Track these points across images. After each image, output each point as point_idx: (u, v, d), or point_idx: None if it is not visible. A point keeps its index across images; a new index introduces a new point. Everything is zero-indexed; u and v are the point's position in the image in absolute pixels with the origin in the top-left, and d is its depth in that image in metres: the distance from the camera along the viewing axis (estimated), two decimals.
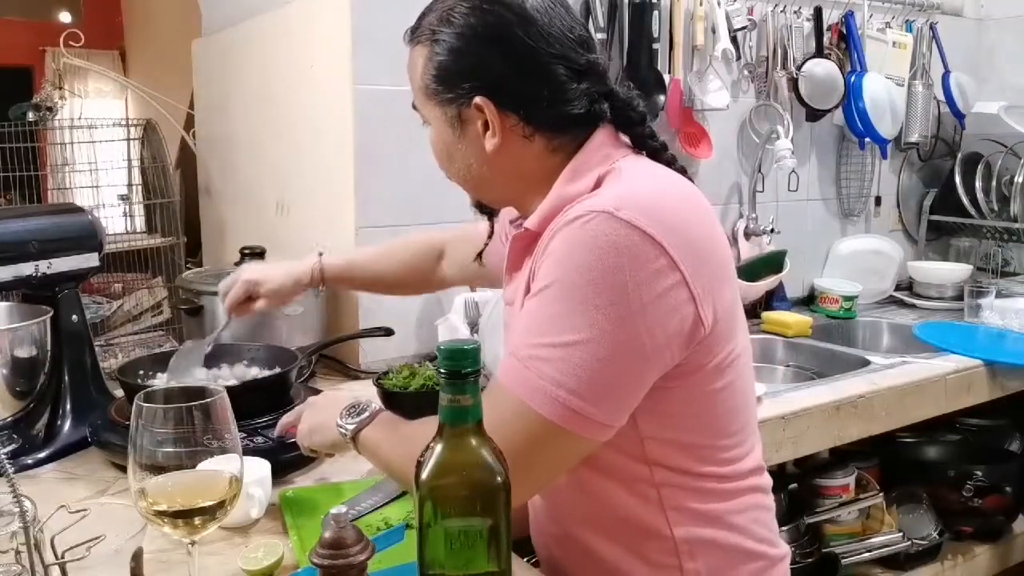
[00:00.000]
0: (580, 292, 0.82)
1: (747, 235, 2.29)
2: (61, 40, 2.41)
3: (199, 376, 1.35)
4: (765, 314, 2.23)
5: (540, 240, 0.91)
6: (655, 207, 0.85)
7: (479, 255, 1.22)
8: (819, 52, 2.33)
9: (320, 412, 1.07)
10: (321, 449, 1.09)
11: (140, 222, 2.23)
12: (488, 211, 1.12)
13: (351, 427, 0.99)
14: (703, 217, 0.90)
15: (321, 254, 1.40)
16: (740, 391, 0.95)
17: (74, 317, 1.34)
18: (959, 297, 2.34)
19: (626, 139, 0.98)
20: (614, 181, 0.90)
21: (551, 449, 0.84)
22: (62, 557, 0.80)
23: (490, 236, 1.18)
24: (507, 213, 1.20)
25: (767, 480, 1.01)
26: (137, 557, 0.83)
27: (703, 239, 0.87)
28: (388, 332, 1.62)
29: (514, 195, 1.02)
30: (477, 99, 0.93)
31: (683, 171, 0.98)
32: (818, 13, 2.34)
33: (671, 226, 0.84)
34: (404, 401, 1.41)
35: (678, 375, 0.88)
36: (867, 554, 1.85)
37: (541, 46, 0.92)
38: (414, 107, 1.02)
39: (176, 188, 2.32)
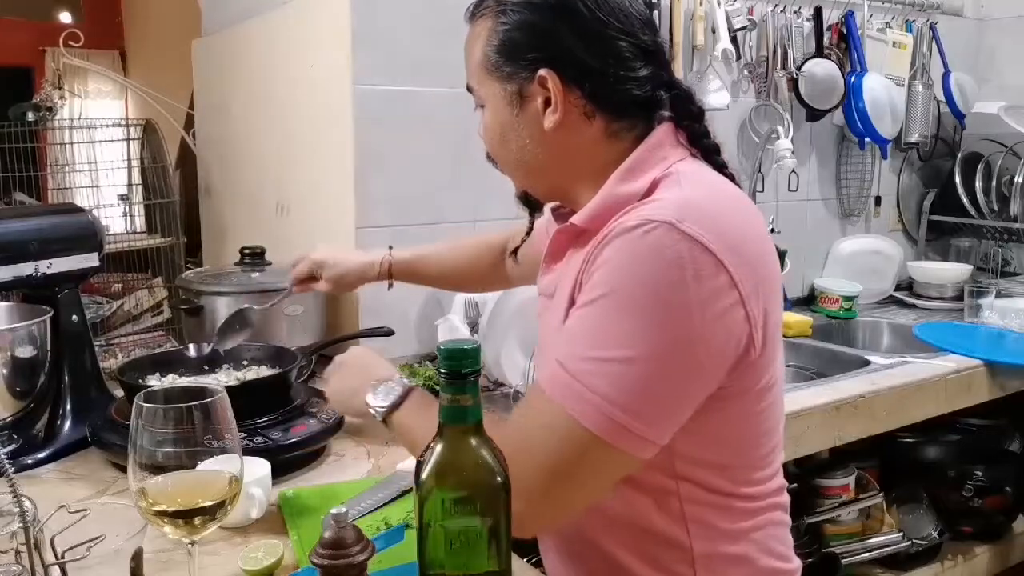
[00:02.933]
0: (639, 306, 0.79)
1: None
2: (61, 40, 2.41)
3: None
4: None
5: (590, 241, 0.88)
6: (716, 221, 0.82)
7: (514, 251, 1.21)
8: (819, 52, 2.33)
9: (349, 377, 1.05)
10: (354, 417, 1.14)
11: (140, 222, 2.23)
12: (533, 206, 1.09)
13: (382, 410, 0.97)
14: (760, 233, 0.88)
15: (391, 248, 1.43)
16: (776, 412, 0.93)
17: (74, 317, 1.34)
18: (959, 297, 2.34)
19: (683, 139, 0.95)
20: (671, 187, 0.87)
21: (599, 465, 0.81)
22: (62, 557, 0.80)
23: (528, 233, 1.16)
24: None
25: (787, 498, 1.00)
26: (137, 557, 0.83)
27: (759, 257, 0.85)
28: (388, 332, 1.62)
29: (565, 182, 0.98)
30: (542, 71, 0.91)
31: (732, 178, 0.95)
32: (818, 13, 2.34)
33: (731, 243, 0.81)
34: None
35: (724, 396, 0.85)
36: (867, 554, 1.85)
37: (609, 19, 0.90)
38: (468, 89, 1.00)
39: (176, 188, 2.31)
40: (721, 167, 0.95)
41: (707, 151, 0.96)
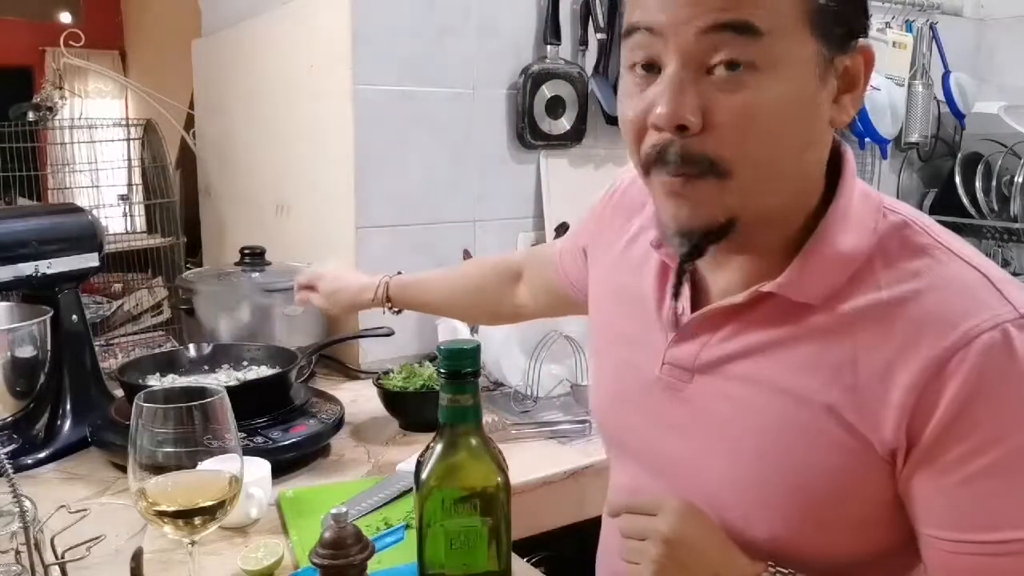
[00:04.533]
0: None
1: None
2: (61, 40, 2.41)
3: None
4: None
5: (798, 314, 0.68)
6: None
7: (660, 310, 0.80)
8: None
9: (680, 569, 0.70)
10: None
11: (140, 222, 2.23)
12: (701, 249, 0.70)
13: None
14: None
15: (400, 273, 1.31)
16: None
17: (74, 317, 1.34)
18: None
19: None
20: (937, 252, 0.67)
21: None
22: (62, 557, 0.80)
23: (679, 285, 0.79)
24: (607, 215, 0.93)
25: None
26: (137, 557, 0.83)
27: None
28: (388, 332, 1.62)
29: (782, 206, 0.70)
30: (864, 42, 0.66)
31: None
32: None
33: None
34: (404, 401, 1.41)
35: None
36: None
37: None
38: (735, 28, 0.61)
39: (176, 188, 2.31)
40: None
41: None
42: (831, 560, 0.72)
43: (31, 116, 2.32)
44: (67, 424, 1.31)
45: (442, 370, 0.73)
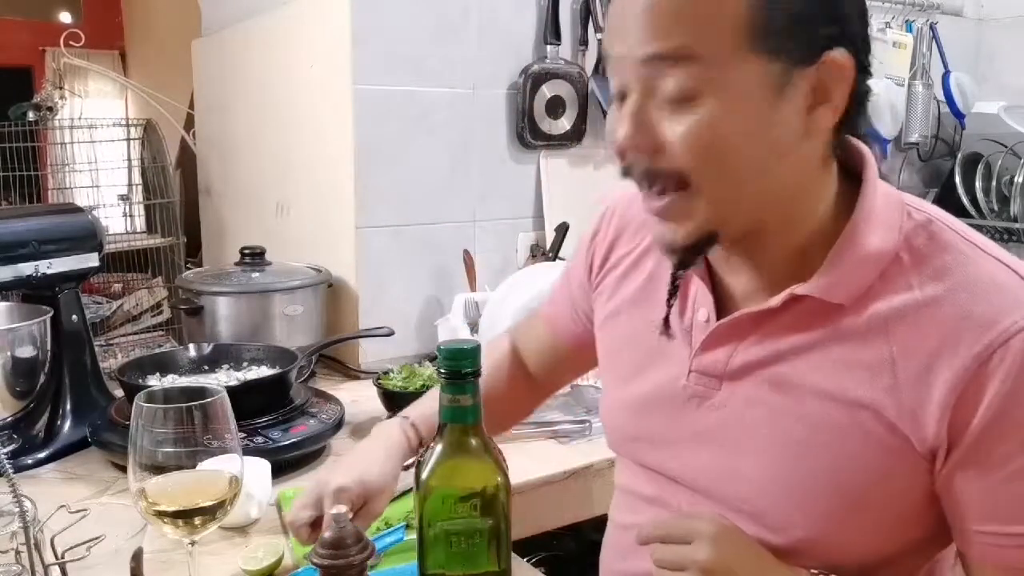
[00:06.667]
0: None
1: None
2: (61, 40, 2.41)
3: None
4: None
5: (828, 316, 0.69)
6: None
7: (666, 321, 0.81)
8: None
9: None
10: None
11: (140, 222, 2.23)
12: (689, 261, 0.73)
13: None
14: None
15: (406, 417, 0.99)
16: None
17: (74, 317, 1.34)
18: None
19: None
20: (974, 253, 0.68)
21: None
22: (62, 557, 0.80)
23: (673, 295, 0.81)
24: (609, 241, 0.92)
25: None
26: (137, 557, 0.83)
27: None
28: (388, 332, 1.62)
29: (769, 217, 0.71)
30: (835, 52, 0.64)
31: None
32: None
33: None
34: (404, 401, 1.41)
35: None
36: None
37: None
38: (658, 57, 0.64)
39: (176, 188, 2.32)
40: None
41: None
42: (863, 558, 0.73)
43: (31, 116, 2.32)
44: (67, 424, 1.31)
45: (442, 370, 0.73)
